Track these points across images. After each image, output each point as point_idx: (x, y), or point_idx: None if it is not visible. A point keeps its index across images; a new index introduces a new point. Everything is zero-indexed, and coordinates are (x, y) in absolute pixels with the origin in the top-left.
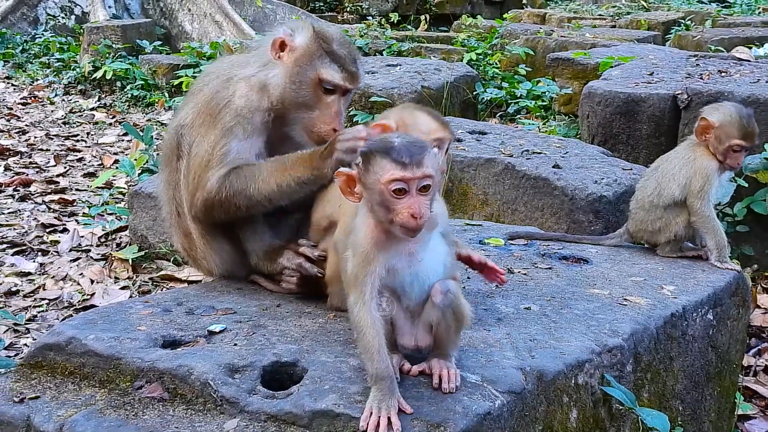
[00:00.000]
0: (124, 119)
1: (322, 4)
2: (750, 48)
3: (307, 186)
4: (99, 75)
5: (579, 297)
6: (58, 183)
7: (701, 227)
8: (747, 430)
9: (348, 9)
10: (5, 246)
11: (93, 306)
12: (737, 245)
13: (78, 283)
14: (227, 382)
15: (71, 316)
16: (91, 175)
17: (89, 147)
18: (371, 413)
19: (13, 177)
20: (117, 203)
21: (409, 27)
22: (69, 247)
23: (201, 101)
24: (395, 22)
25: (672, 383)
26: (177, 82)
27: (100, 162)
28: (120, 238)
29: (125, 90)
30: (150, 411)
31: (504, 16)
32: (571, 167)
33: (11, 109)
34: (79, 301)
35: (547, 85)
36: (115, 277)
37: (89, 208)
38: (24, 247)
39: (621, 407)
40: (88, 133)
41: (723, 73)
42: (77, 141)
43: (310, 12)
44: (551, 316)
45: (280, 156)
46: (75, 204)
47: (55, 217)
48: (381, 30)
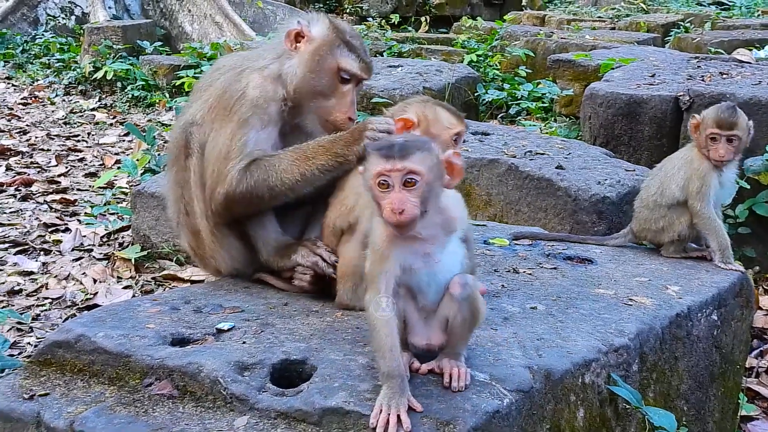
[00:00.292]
0: (124, 120)
1: (321, 5)
2: (750, 50)
3: (330, 173)
4: (99, 75)
5: (584, 297)
6: (59, 183)
7: (703, 228)
8: (750, 431)
9: (347, 10)
10: (8, 245)
11: (96, 305)
12: (739, 247)
13: (81, 283)
14: (237, 379)
15: (74, 315)
16: (92, 175)
17: (90, 147)
18: (381, 411)
19: (15, 177)
20: (119, 203)
21: (410, 28)
22: (71, 247)
23: (212, 96)
24: (395, 23)
25: (677, 383)
26: (178, 82)
27: (101, 162)
28: (122, 237)
29: (126, 90)
30: (160, 408)
31: (504, 17)
32: (574, 168)
33: (12, 110)
34: (82, 301)
35: (548, 87)
36: (118, 277)
37: (91, 207)
38: (26, 247)
39: (627, 406)
40: (88, 134)
41: (724, 75)
42: (78, 141)
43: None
44: (557, 315)
45: (298, 145)
46: (77, 204)
47: (57, 217)
48: (381, 31)
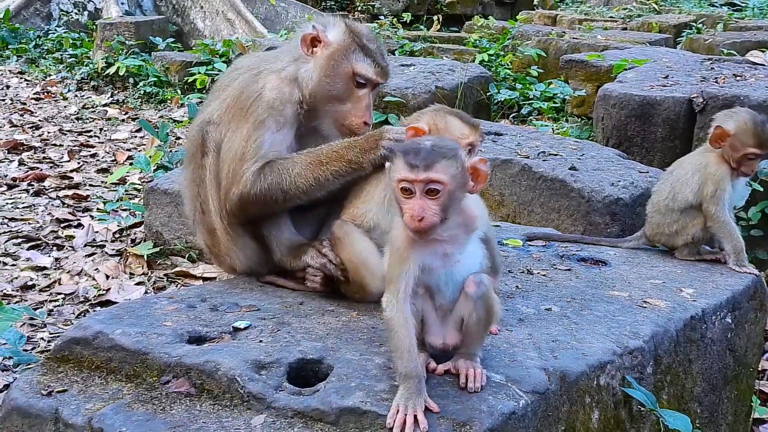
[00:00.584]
0: (136, 116)
1: (333, 3)
2: (764, 52)
3: (344, 178)
4: (112, 71)
5: (599, 299)
6: (71, 178)
7: (717, 232)
8: None
9: (359, 8)
10: (21, 240)
11: (109, 301)
12: (751, 249)
13: (93, 279)
14: (254, 378)
15: (87, 310)
16: (105, 171)
17: (102, 143)
18: (398, 411)
19: (27, 172)
20: (131, 199)
21: (421, 27)
22: (84, 243)
23: (230, 96)
24: (407, 22)
25: (690, 385)
26: (190, 79)
27: (113, 158)
28: (135, 234)
29: (138, 86)
30: (177, 406)
31: (515, 17)
32: (588, 169)
33: (24, 104)
34: (95, 296)
35: (560, 87)
36: (130, 273)
37: (104, 203)
38: (39, 242)
39: (642, 409)
40: (101, 129)
41: (738, 77)
42: (90, 137)
43: (321, 11)
44: (572, 317)
45: (313, 149)
46: (89, 199)
47: (70, 213)
48: (393, 30)
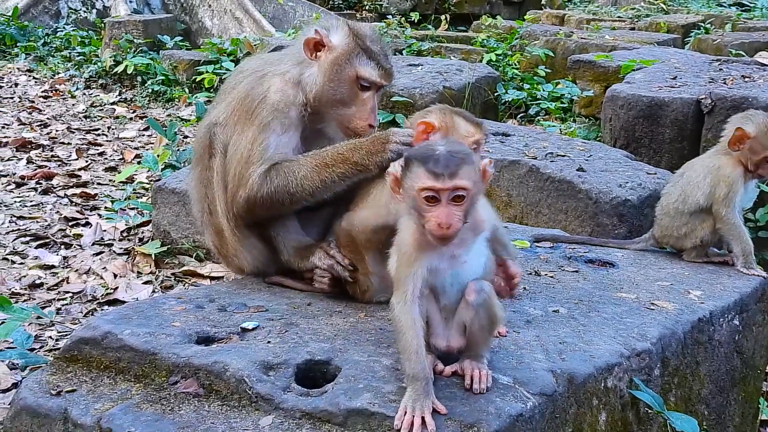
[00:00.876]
0: (144, 114)
1: (341, 1)
2: None
3: (350, 180)
4: (120, 69)
5: (606, 300)
6: (80, 177)
7: (727, 234)
8: None
9: (367, 7)
10: (29, 239)
11: (116, 300)
12: (759, 251)
13: (101, 277)
14: (262, 379)
15: (95, 309)
16: (113, 170)
17: (110, 141)
18: (406, 412)
19: (36, 170)
20: (139, 198)
21: (429, 26)
22: (92, 241)
23: (235, 98)
24: (415, 21)
25: (698, 388)
26: (198, 78)
27: (121, 156)
28: (143, 232)
29: (146, 85)
30: (186, 406)
31: (523, 16)
32: (595, 170)
33: (33, 102)
34: (103, 295)
35: (568, 87)
36: (138, 272)
37: (112, 202)
38: (47, 240)
39: (649, 411)
40: (108, 128)
41: (746, 78)
42: (98, 135)
43: (329, 10)
44: (579, 319)
45: (318, 151)
46: (97, 198)
47: (78, 211)
48: (401, 29)
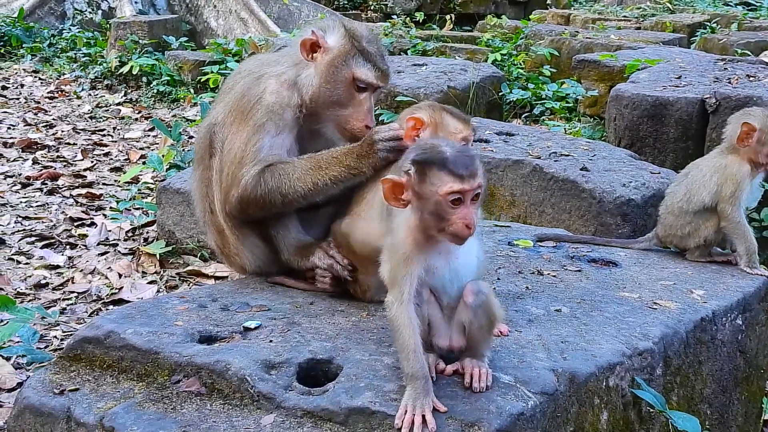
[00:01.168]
0: (150, 115)
1: (346, 2)
2: None
3: (343, 183)
4: (125, 70)
5: (609, 300)
6: (85, 177)
7: (731, 232)
8: None
9: (372, 7)
10: (34, 239)
11: (121, 300)
12: (763, 251)
13: (106, 277)
14: (264, 377)
15: (100, 309)
16: (118, 170)
17: (115, 142)
18: (406, 411)
19: (41, 170)
20: (144, 198)
21: (434, 26)
22: (97, 241)
23: (232, 99)
24: (420, 21)
25: (700, 387)
26: (203, 78)
27: (126, 157)
28: (147, 233)
29: (151, 86)
30: (188, 405)
31: (528, 16)
32: (599, 170)
33: (39, 103)
34: (108, 295)
35: (573, 87)
36: (143, 272)
37: (117, 202)
38: (52, 241)
39: (651, 410)
40: (114, 128)
41: (751, 78)
42: (104, 135)
43: (334, 10)
44: (582, 318)
45: (313, 154)
46: (102, 198)
47: (83, 211)
48: (406, 29)
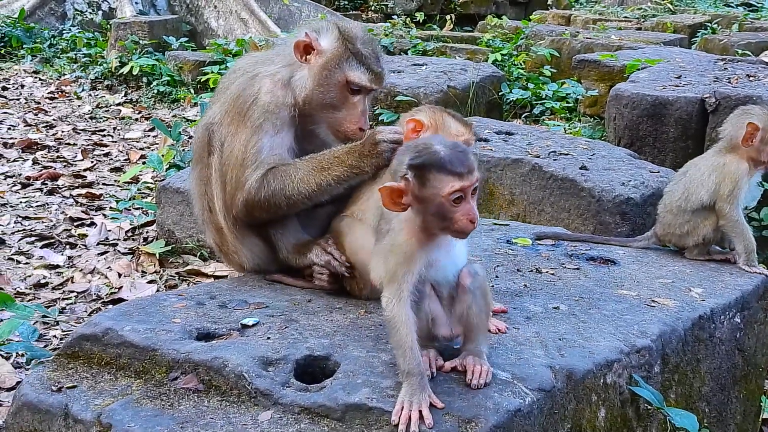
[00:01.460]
0: (150, 115)
1: (346, 2)
2: None
3: (347, 182)
4: (126, 71)
5: (607, 297)
6: (85, 177)
7: (730, 231)
8: None
9: (372, 8)
10: (34, 239)
11: (120, 299)
12: (762, 250)
13: (106, 277)
14: (261, 374)
15: (99, 308)
16: (118, 170)
17: (116, 142)
18: (403, 407)
19: (41, 171)
20: (144, 198)
21: (434, 27)
22: (97, 241)
23: (228, 99)
24: (420, 21)
25: (698, 385)
26: (203, 78)
27: (126, 157)
28: (147, 232)
29: (151, 86)
30: (185, 402)
31: (529, 16)
32: (599, 169)
33: (39, 104)
34: (107, 294)
35: (573, 87)
36: (142, 271)
37: (117, 202)
38: (52, 240)
39: (649, 407)
40: (114, 129)
41: (751, 78)
42: (104, 136)
43: (334, 10)
44: (580, 315)
45: (314, 155)
46: (102, 198)
47: (83, 211)
48: (406, 29)
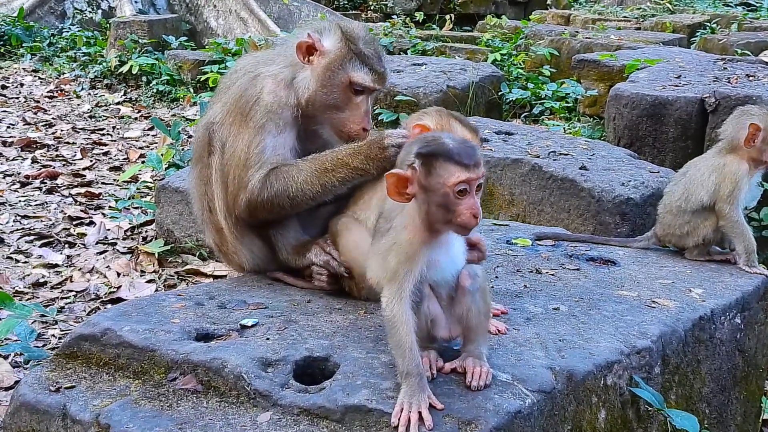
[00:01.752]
0: (149, 114)
1: (346, 2)
2: None
3: (350, 183)
4: (125, 70)
5: (607, 298)
6: (84, 176)
7: (730, 231)
8: None
9: (372, 7)
10: (33, 238)
11: (119, 299)
12: (762, 250)
13: (104, 276)
14: (260, 375)
15: (98, 308)
16: (117, 169)
17: (115, 141)
18: (402, 409)
19: (41, 169)
20: (143, 197)
21: (434, 26)
22: (96, 240)
23: (230, 99)
24: (420, 21)
25: (699, 386)
26: (203, 78)
27: (125, 156)
28: (146, 231)
29: (151, 85)
30: (184, 403)
31: (529, 16)
32: (598, 169)
33: (38, 102)
34: (106, 294)
35: (572, 87)
36: (141, 271)
37: (116, 201)
38: (51, 239)
39: (649, 408)
40: (113, 128)
41: (751, 77)
42: (103, 135)
43: (334, 10)
44: (580, 316)
45: (317, 155)
46: (101, 197)
47: (82, 210)
48: (405, 29)
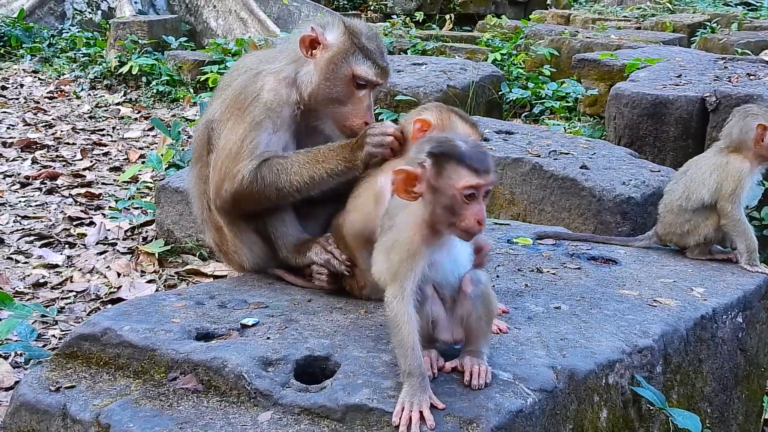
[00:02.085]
0: (149, 114)
1: (346, 2)
2: None
3: (339, 177)
4: (125, 70)
5: (609, 297)
6: (84, 177)
7: (731, 230)
8: None
9: (372, 7)
10: (33, 238)
11: (120, 299)
12: (763, 249)
13: (105, 276)
14: (261, 374)
15: (98, 308)
16: (117, 170)
17: (115, 141)
18: (403, 408)
19: (41, 170)
20: (143, 197)
21: (434, 26)
22: (96, 240)
23: (230, 96)
24: (419, 21)
25: (701, 385)
26: (203, 78)
27: (125, 156)
28: (146, 232)
29: (151, 85)
30: (184, 402)
31: (529, 16)
32: (599, 168)
33: (38, 103)
34: (106, 294)
35: (573, 86)
36: (142, 271)
37: (116, 201)
38: (51, 240)
39: (651, 408)
40: (113, 128)
41: (751, 77)
42: (103, 135)
43: (334, 10)
44: (581, 315)
45: (309, 148)
46: (101, 198)
47: (82, 211)
48: (405, 29)
